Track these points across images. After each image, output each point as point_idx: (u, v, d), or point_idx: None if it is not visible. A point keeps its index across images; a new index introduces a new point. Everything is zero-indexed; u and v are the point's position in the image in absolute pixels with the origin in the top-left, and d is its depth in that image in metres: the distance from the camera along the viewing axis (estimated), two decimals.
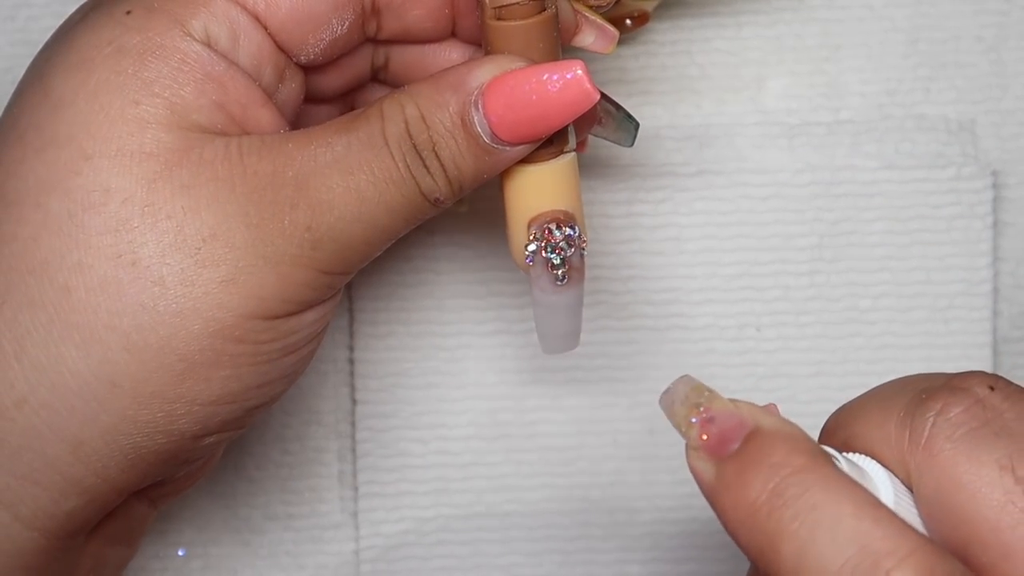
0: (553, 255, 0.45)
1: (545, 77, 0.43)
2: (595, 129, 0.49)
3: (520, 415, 0.57)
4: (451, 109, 0.43)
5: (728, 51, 0.56)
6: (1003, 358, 0.56)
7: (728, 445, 0.38)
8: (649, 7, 0.55)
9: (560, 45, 0.45)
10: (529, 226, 0.45)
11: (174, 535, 0.57)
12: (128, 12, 0.43)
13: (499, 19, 0.43)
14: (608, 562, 0.57)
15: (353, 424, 0.57)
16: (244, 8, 0.44)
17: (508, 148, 0.43)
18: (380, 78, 0.49)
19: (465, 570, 0.57)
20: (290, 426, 0.57)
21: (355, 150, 0.43)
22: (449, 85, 0.43)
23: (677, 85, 0.56)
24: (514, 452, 0.57)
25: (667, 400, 0.40)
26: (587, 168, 0.56)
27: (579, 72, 0.43)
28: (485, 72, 0.43)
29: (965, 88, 0.56)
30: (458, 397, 0.57)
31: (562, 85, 0.43)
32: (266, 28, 0.44)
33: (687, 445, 0.39)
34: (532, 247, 0.45)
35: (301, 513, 0.57)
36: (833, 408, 0.56)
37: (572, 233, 0.45)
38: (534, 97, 0.43)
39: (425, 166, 0.43)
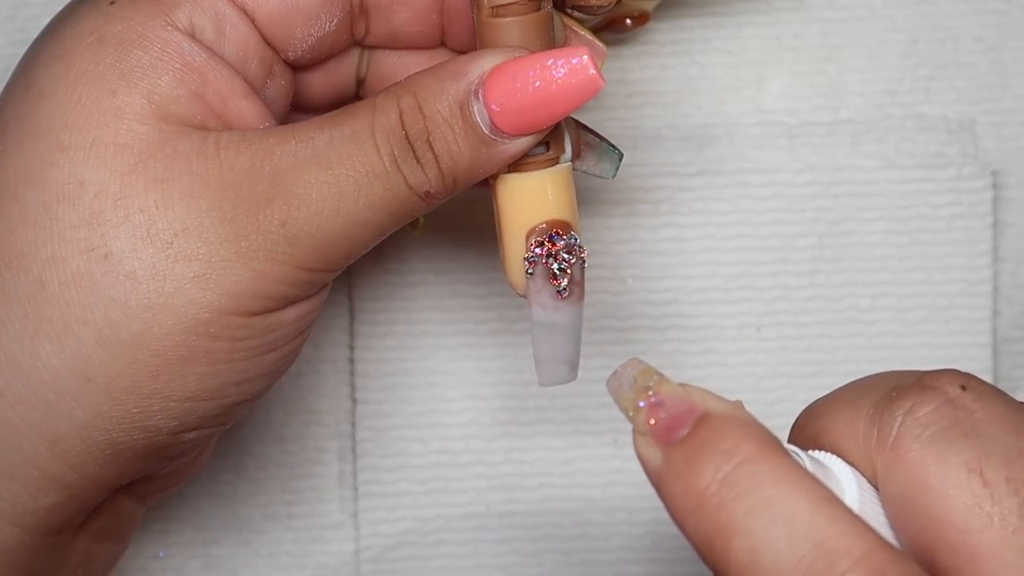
0: (555, 264, 0.44)
1: (550, 63, 0.42)
2: (574, 163, 0.48)
3: (520, 415, 0.57)
4: (450, 97, 0.42)
5: (728, 51, 0.56)
6: (1003, 358, 0.56)
7: (677, 431, 0.37)
8: (649, 7, 0.55)
9: (555, 44, 0.44)
10: (528, 236, 0.44)
11: (174, 535, 0.57)
12: (112, 2, 0.43)
13: (496, 16, 0.43)
14: (608, 562, 0.57)
15: (353, 424, 0.57)
16: (239, 8, 0.44)
17: (507, 141, 0.43)
18: (360, 93, 0.49)
19: (465, 570, 0.57)
20: (290, 426, 0.57)
21: (336, 144, 0.42)
22: (449, 73, 0.42)
23: (677, 85, 0.56)
24: (514, 452, 0.57)
25: (615, 383, 0.38)
26: None
27: (585, 58, 0.42)
28: (487, 60, 0.42)
29: (965, 88, 0.56)
30: (458, 397, 0.57)
31: (567, 71, 0.42)
32: (253, 21, 0.44)
33: (634, 430, 0.37)
34: (533, 257, 0.44)
35: (301, 513, 0.57)
36: None
37: (574, 242, 0.44)
38: (538, 83, 0.42)
39: (416, 157, 0.42)
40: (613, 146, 0.48)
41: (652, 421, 0.37)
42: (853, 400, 0.39)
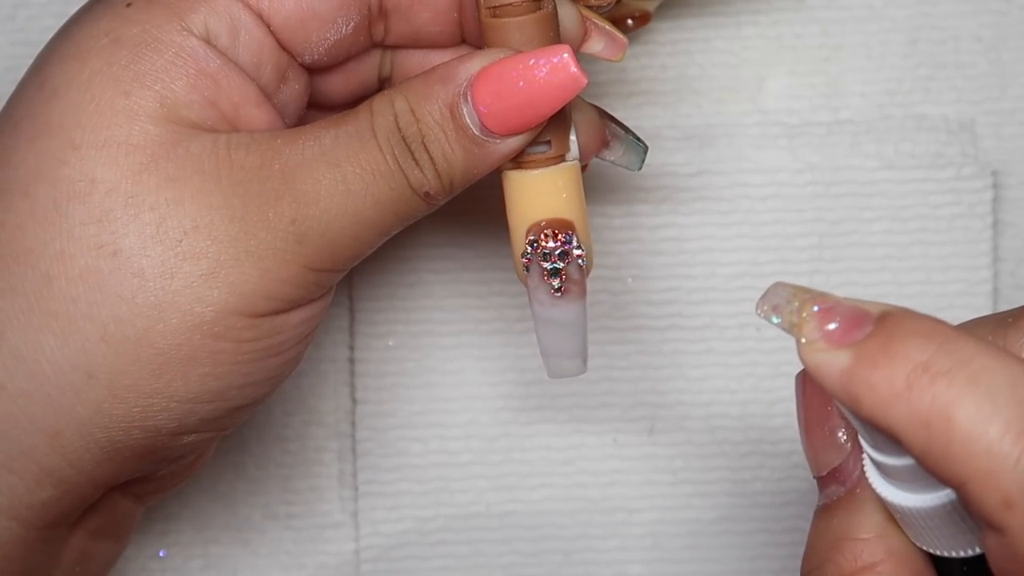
0: (548, 263, 0.45)
1: (532, 62, 0.42)
2: (602, 153, 0.48)
3: (520, 414, 0.57)
4: (440, 101, 0.43)
5: (728, 51, 0.56)
6: None
7: (856, 331, 0.36)
8: (650, 7, 0.55)
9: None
10: (527, 234, 0.45)
11: (174, 535, 0.57)
12: (128, 4, 0.44)
13: (495, 17, 0.43)
14: (608, 562, 0.57)
15: (353, 424, 0.57)
16: (246, 5, 0.44)
17: (499, 140, 0.43)
18: (386, 88, 0.49)
19: (465, 569, 0.57)
20: (290, 426, 0.57)
21: (343, 143, 0.43)
22: (439, 78, 0.43)
23: (677, 85, 0.56)
24: (514, 451, 0.57)
25: (768, 303, 0.38)
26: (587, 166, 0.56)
27: (565, 56, 0.42)
28: (474, 64, 0.43)
29: (965, 88, 0.56)
30: (458, 396, 0.57)
31: (548, 70, 0.42)
32: (269, 26, 0.44)
33: (802, 343, 0.37)
34: (528, 255, 0.45)
35: (301, 513, 0.57)
36: None
37: (568, 241, 0.44)
38: (521, 84, 0.42)
39: (414, 159, 0.43)
40: (639, 139, 0.48)
41: (830, 326, 0.36)
42: (966, 330, 0.39)
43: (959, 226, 0.56)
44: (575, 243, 0.45)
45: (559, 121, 0.44)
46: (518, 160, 0.44)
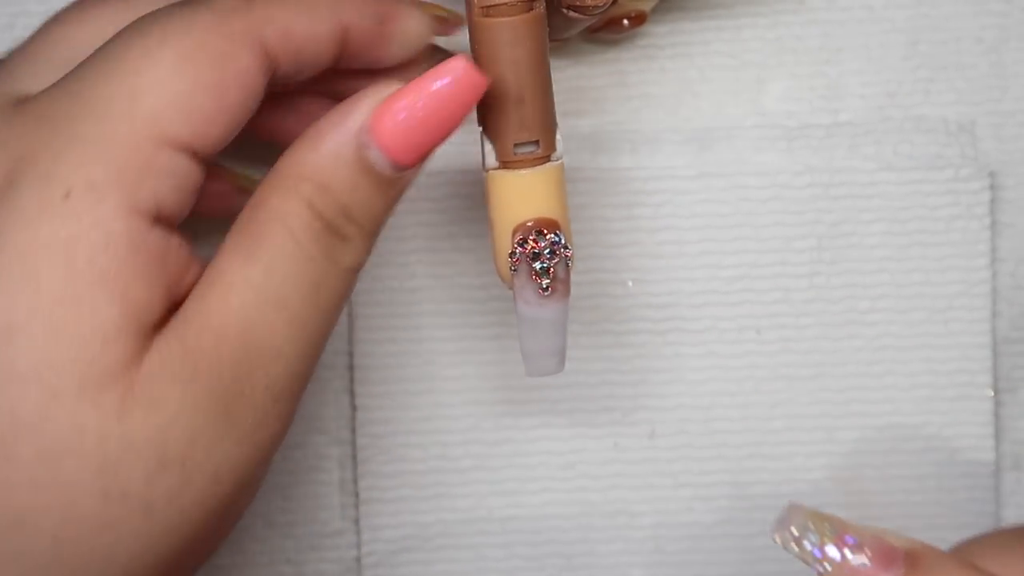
0: (537, 263, 0.45)
1: (435, 86, 0.41)
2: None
3: (520, 419, 0.57)
4: (346, 161, 0.41)
5: (728, 54, 0.56)
6: (1003, 358, 0.57)
7: (890, 568, 0.36)
8: (646, 7, 0.54)
9: (548, 45, 0.44)
10: (514, 233, 0.45)
11: None
12: (66, 195, 0.40)
13: (487, 16, 0.43)
14: (609, 566, 0.57)
15: (353, 430, 0.57)
16: (180, 149, 0.41)
17: (410, 171, 0.42)
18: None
19: (467, 575, 0.56)
20: (291, 433, 0.56)
21: (273, 272, 0.41)
22: (336, 140, 0.41)
23: (677, 88, 0.56)
24: (515, 456, 0.56)
25: (785, 530, 0.37)
26: (587, 170, 0.56)
27: (462, 65, 0.41)
28: (363, 107, 0.41)
29: (965, 90, 0.56)
30: (458, 402, 0.56)
31: (451, 82, 0.41)
32: (200, 156, 0.42)
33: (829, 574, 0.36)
34: (516, 254, 0.45)
35: (302, 520, 0.57)
36: (832, 409, 0.56)
37: (557, 240, 0.44)
38: (427, 105, 0.41)
39: (341, 236, 0.41)
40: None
41: (860, 561, 0.36)
42: (1000, 544, 0.39)
43: (957, 227, 0.56)
44: (563, 241, 0.45)
45: (547, 120, 0.44)
46: (505, 160, 0.44)
